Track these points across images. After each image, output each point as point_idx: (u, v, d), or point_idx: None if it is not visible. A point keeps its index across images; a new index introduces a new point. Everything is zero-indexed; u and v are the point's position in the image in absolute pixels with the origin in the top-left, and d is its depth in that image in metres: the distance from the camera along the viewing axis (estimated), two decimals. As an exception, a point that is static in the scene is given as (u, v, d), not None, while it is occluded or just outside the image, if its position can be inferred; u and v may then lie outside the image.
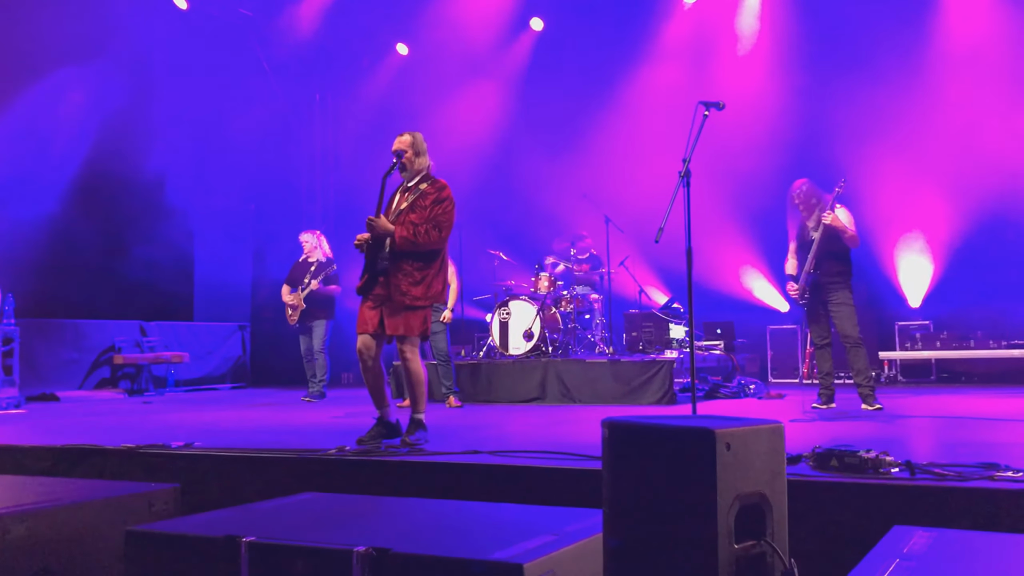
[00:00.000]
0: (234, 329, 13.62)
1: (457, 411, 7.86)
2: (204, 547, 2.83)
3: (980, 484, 3.19)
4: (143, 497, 3.83)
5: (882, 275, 11.22)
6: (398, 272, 4.91)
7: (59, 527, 3.47)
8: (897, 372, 10.95)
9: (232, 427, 6.57)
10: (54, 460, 4.96)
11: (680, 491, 2.18)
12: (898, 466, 3.41)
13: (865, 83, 11.16)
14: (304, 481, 4.31)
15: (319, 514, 3.18)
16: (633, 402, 7.93)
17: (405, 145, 5.13)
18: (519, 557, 2.39)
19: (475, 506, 3.27)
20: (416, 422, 4.99)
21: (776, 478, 2.31)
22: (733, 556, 2.15)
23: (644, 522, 2.24)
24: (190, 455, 4.72)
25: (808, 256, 6.87)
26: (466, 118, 12.72)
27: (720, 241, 11.52)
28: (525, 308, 9.15)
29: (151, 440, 5.18)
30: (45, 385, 10.66)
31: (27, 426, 6.93)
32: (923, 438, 5.08)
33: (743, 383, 8.81)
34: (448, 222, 5.04)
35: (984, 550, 2.38)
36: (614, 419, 2.38)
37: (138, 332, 12.08)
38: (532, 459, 4.13)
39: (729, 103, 11.32)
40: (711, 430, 2.15)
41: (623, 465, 2.32)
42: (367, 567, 2.54)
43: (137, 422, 7.17)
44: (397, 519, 3.05)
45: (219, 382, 12.99)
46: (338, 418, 7.13)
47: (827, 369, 6.99)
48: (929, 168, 10.62)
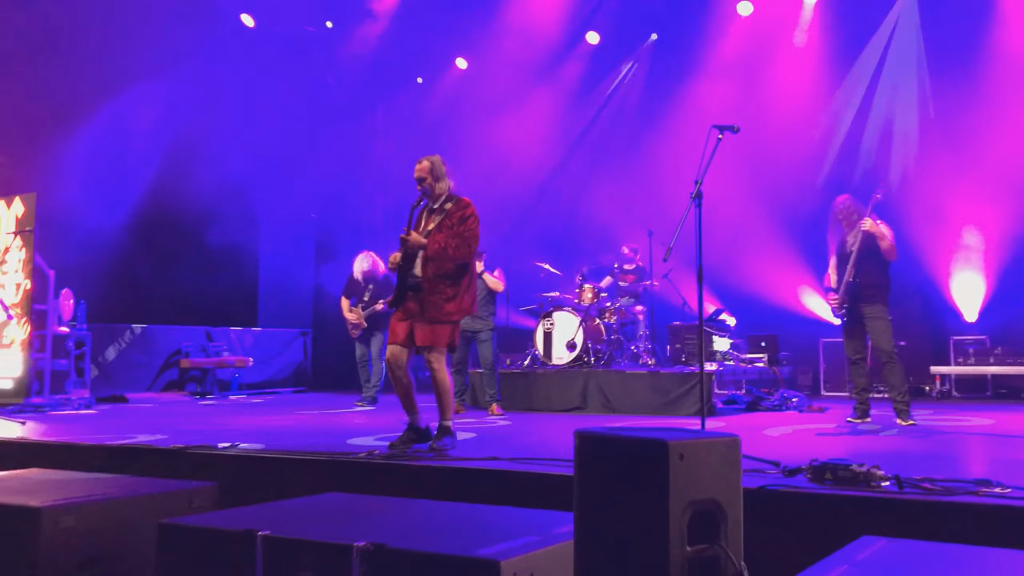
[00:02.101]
0: (296, 335, 14.10)
1: (497, 419, 8.09)
2: (226, 539, 3.12)
3: (965, 499, 3.29)
4: (184, 494, 4.15)
5: (937, 289, 11.11)
6: (432, 291, 5.19)
7: (105, 519, 3.80)
8: (952, 387, 10.81)
9: (280, 429, 6.90)
10: (110, 458, 5.34)
11: (637, 496, 2.38)
12: (888, 480, 3.53)
13: (920, 93, 11.09)
14: (335, 482, 4.58)
15: (333, 512, 3.44)
16: (671, 413, 8.06)
17: (425, 172, 5.39)
18: (499, 555, 2.60)
19: (475, 508, 3.49)
20: (444, 428, 5.23)
21: (731, 487, 2.48)
22: (685, 557, 2.33)
23: (607, 523, 2.44)
24: (232, 455, 5.04)
25: (847, 267, 6.93)
26: (518, 132, 12.97)
27: (773, 252, 11.55)
28: (569, 319, 9.34)
29: (203, 441, 5.53)
30: (115, 387, 11.21)
31: (94, 425, 7.39)
32: (942, 454, 5.13)
33: (785, 396, 8.85)
34: (474, 237, 5.29)
35: (935, 560, 2.51)
36: (583, 429, 2.59)
37: (204, 337, 12.61)
38: (546, 466, 4.33)
39: (782, 113, 11.49)
40: (665, 441, 2.34)
41: (590, 471, 2.52)
42: (365, 560, 2.79)
43: (195, 423, 7.57)
44: (401, 518, 3.29)
45: (281, 386, 13.45)
46: (381, 422, 7.42)
47: (862, 384, 7.04)
48: (985, 180, 10.50)
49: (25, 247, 9.57)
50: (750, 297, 11.73)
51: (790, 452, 4.87)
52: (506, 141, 12.75)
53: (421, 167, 5.41)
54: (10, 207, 9.73)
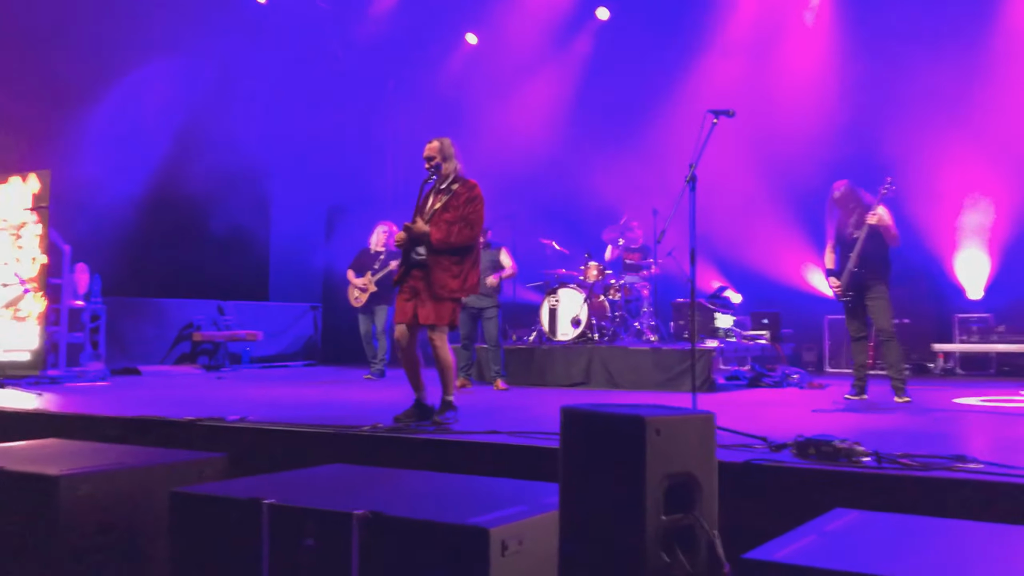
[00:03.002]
0: (306, 309, 14.30)
1: (503, 393, 8.26)
2: (233, 507, 3.29)
3: (940, 474, 3.43)
4: (195, 464, 4.33)
5: (941, 267, 11.18)
6: (437, 268, 5.34)
7: (119, 488, 3.97)
8: (956, 364, 10.90)
9: (289, 402, 7.09)
10: (124, 429, 5.53)
11: (617, 468, 2.53)
12: (869, 455, 3.67)
13: (925, 73, 11.09)
14: (340, 454, 4.74)
15: (335, 482, 3.62)
16: (673, 389, 8.20)
17: (434, 151, 5.54)
18: (489, 523, 2.76)
19: (471, 479, 3.66)
20: (447, 403, 5.40)
21: (706, 460, 2.63)
22: (661, 526, 2.48)
23: (588, 494, 2.60)
24: (242, 428, 5.23)
25: (850, 255, 7.01)
26: (528, 108, 13.05)
27: (778, 230, 11.63)
28: (574, 296, 9.48)
29: (214, 413, 5.71)
30: (129, 360, 11.42)
31: (109, 397, 7.60)
32: (930, 430, 5.26)
33: (786, 372, 8.99)
34: (479, 219, 5.43)
35: (900, 531, 2.65)
36: (568, 406, 2.74)
37: (216, 311, 12.81)
38: (543, 440, 4.48)
39: (790, 92, 11.53)
40: (642, 418, 2.49)
41: (573, 445, 2.68)
42: (363, 527, 2.95)
43: (206, 396, 7.77)
44: (400, 488, 3.46)
45: (291, 359, 13.66)
46: (387, 397, 7.59)
47: (861, 361, 7.16)
48: (990, 157, 10.54)
49: (41, 222, 9.75)
50: (755, 274, 11.83)
51: (782, 428, 5.01)
52: (515, 117, 12.83)
53: (431, 147, 5.56)
54: (26, 183, 9.91)
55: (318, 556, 3.01)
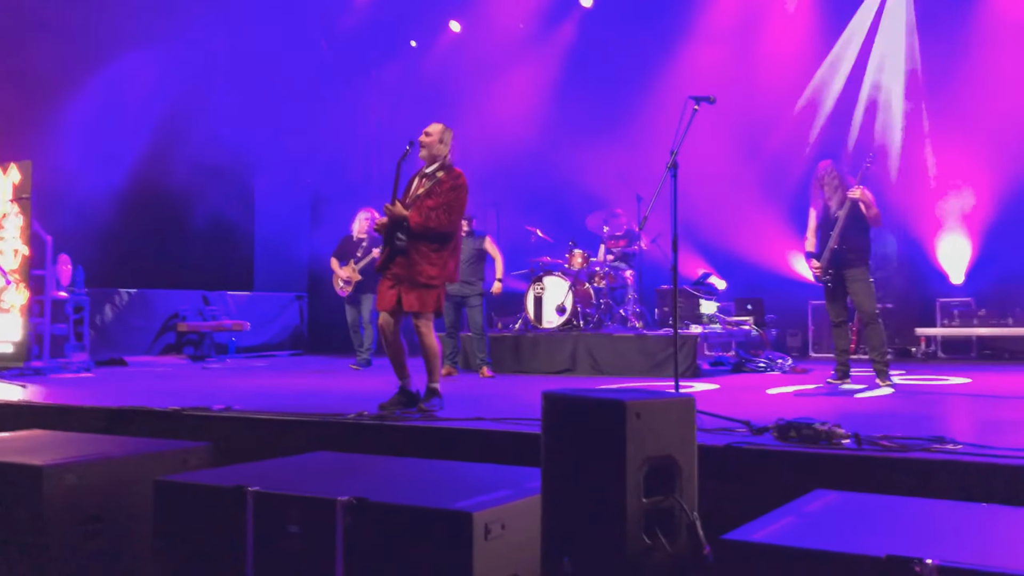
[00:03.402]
0: (292, 299, 14.28)
1: (488, 381, 8.29)
2: (218, 495, 3.30)
3: (918, 455, 3.47)
4: (180, 453, 4.33)
5: (923, 252, 11.27)
6: (415, 253, 5.34)
7: (104, 478, 3.97)
8: (938, 348, 10.99)
9: (275, 392, 7.09)
10: (110, 420, 5.53)
11: (598, 452, 2.56)
12: (849, 437, 3.71)
13: (908, 56, 11.16)
14: (326, 442, 4.75)
15: (320, 469, 3.63)
16: (658, 375, 8.24)
17: (434, 130, 5.59)
18: (472, 507, 2.79)
19: (455, 465, 3.68)
20: (432, 390, 5.41)
21: (686, 444, 2.66)
22: (642, 508, 2.51)
23: (570, 478, 2.63)
24: (227, 417, 5.23)
25: (832, 233, 7.06)
26: (512, 96, 13.03)
27: (762, 216, 11.67)
28: (559, 283, 9.51)
29: (199, 403, 5.71)
30: (114, 351, 11.38)
31: (94, 388, 7.58)
32: (910, 412, 5.32)
33: (771, 358, 9.05)
34: (460, 208, 5.44)
35: (878, 511, 2.69)
36: (550, 391, 2.76)
37: (201, 301, 12.76)
38: (527, 426, 4.50)
39: (774, 77, 11.54)
40: (622, 402, 2.52)
41: (555, 430, 2.71)
42: (348, 513, 2.97)
43: (192, 386, 7.76)
44: (384, 474, 3.48)
45: (278, 349, 13.64)
46: (373, 386, 7.59)
47: (843, 346, 7.22)
48: (972, 142, 10.61)
49: (22, 214, 9.69)
50: (740, 260, 11.89)
51: (765, 412, 5.05)
52: (499, 105, 12.80)
53: (433, 127, 5.61)
54: (6, 174, 9.84)
55: (303, 542, 3.03)
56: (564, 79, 13.25)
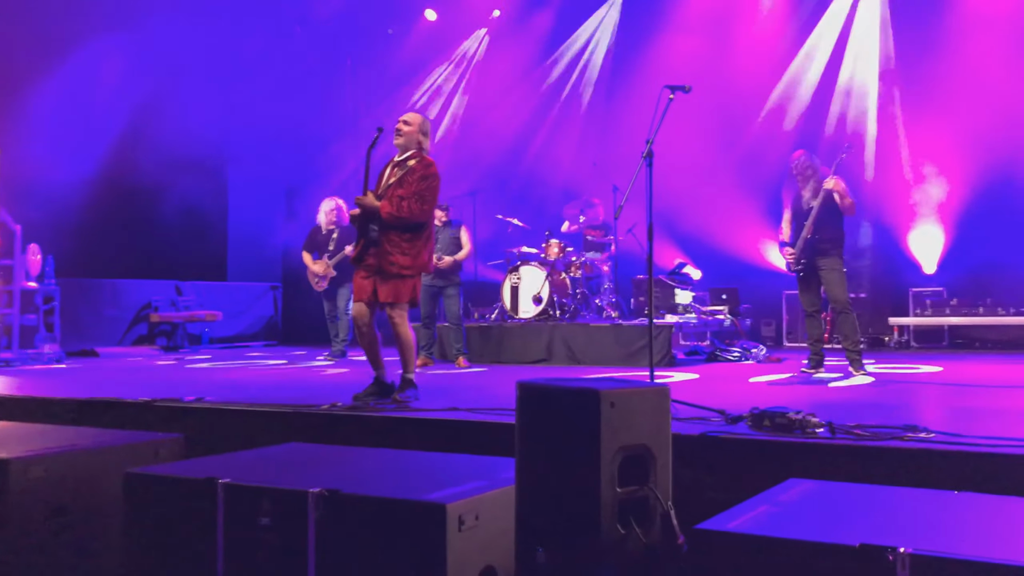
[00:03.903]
0: (266, 289, 14.16)
1: (464, 371, 8.26)
2: (189, 487, 3.26)
3: (891, 444, 3.49)
4: (150, 445, 4.27)
5: (896, 242, 11.35)
6: (388, 244, 5.30)
7: (73, 470, 3.91)
8: (910, 337, 11.09)
9: (248, 383, 7.03)
10: (78, 411, 5.45)
11: (572, 442, 2.54)
12: (823, 426, 3.72)
13: (882, 46, 11.22)
14: (299, 433, 4.72)
15: (292, 461, 3.60)
16: (634, 364, 8.25)
17: (413, 120, 5.56)
18: (446, 498, 2.77)
19: (429, 456, 3.66)
20: (406, 381, 5.38)
21: (660, 433, 2.65)
22: (616, 498, 2.50)
23: (544, 468, 2.61)
24: (199, 408, 5.17)
25: (805, 223, 7.08)
26: (485, 86, 12.99)
27: (737, 206, 11.71)
28: (535, 273, 9.49)
29: (171, 394, 5.65)
30: (86, 341, 11.24)
31: (64, 379, 7.48)
32: (883, 401, 5.35)
33: (745, 347, 9.08)
34: (432, 197, 5.40)
35: (851, 499, 2.70)
36: (524, 381, 2.74)
37: (174, 291, 12.63)
38: (502, 415, 4.49)
39: (749, 68, 11.57)
40: (597, 391, 2.50)
41: (529, 420, 2.69)
42: (320, 505, 2.94)
43: (164, 377, 7.68)
44: (357, 466, 3.45)
45: (251, 340, 13.54)
46: (347, 377, 7.56)
47: (816, 336, 7.25)
48: (942, 135, 10.69)
49: (-10, 203, 9.54)
50: (715, 250, 11.93)
51: (739, 401, 5.07)
52: (474, 97, 12.76)
53: (412, 118, 5.58)
54: (-26, 162, 9.68)
55: (274, 535, 3.00)
56: (541, 67, 13.21)
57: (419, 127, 5.57)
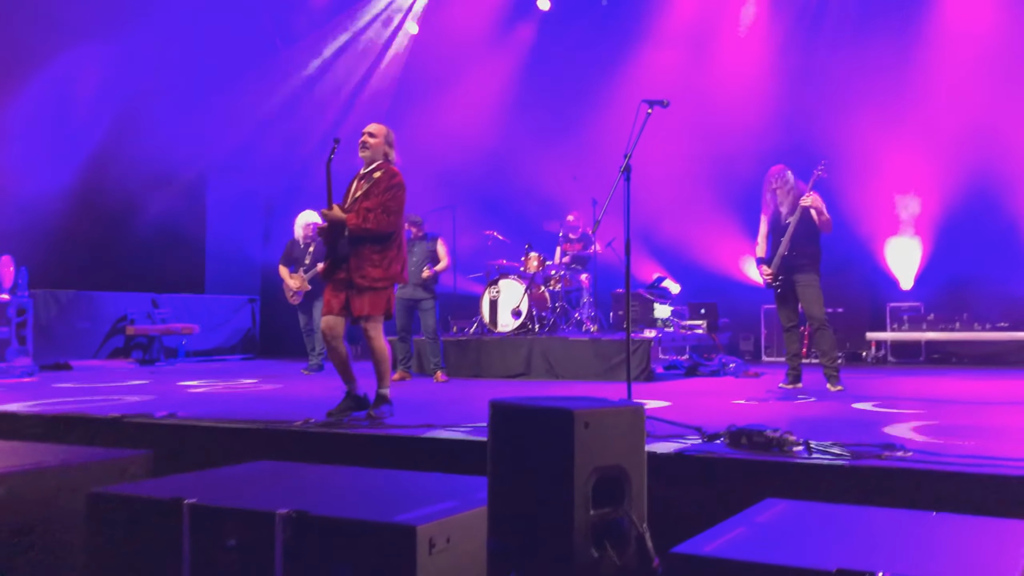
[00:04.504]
0: (244, 302, 14.03)
1: (442, 385, 8.20)
2: (153, 508, 3.17)
3: (868, 463, 3.46)
4: (117, 463, 4.17)
5: (873, 257, 11.40)
6: (358, 257, 5.25)
7: (36, 489, 3.80)
8: (887, 352, 11.13)
9: (223, 397, 6.93)
10: (47, 427, 5.34)
11: (545, 462, 2.49)
12: (800, 445, 3.68)
13: (855, 66, 11.30)
14: (271, 450, 4.63)
15: (261, 480, 3.52)
16: (612, 379, 8.21)
17: (378, 131, 5.51)
18: (416, 520, 2.70)
19: (402, 474, 3.59)
20: (381, 397, 5.31)
21: (635, 453, 2.60)
22: (589, 520, 2.45)
23: (517, 489, 2.55)
24: (170, 425, 5.08)
25: (782, 239, 7.08)
26: (469, 99, 12.95)
27: (716, 221, 11.73)
28: (514, 287, 9.44)
29: (144, 409, 5.55)
30: (60, 354, 11.07)
31: (35, 393, 7.33)
32: (861, 419, 5.33)
33: (723, 362, 9.06)
34: (398, 207, 5.34)
35: (830, 521, 2.65)
36: (497, 400, 2.69)
37: (150, 304, 12.49)
38: (479, 432, 4.43)
39: (726, 85, 11.61)
40: (570, 410, 2.45)
41: (501, 439, 2.63)
42: (287, 527, 2.87)
43: (137, 391, 7.55)
44: (327, 485, 3.38)
45: (229, 353, 13.40)
46: (324, 391, 7.46)
47: (795, 351, 7.24)
48: (919, 151, 10.76)
49: (-38, 213, 9.40)
50: (693, 264, 11.94)
51: (716, 417, 5.02)
52: (456, 108, 12.72)
53: (377, 129, 5.52)
54: (-55, 172, 9.54)
55: (241, 557, 2.92)
56: (521, 81, 13.21)
57: (384, 138, 5.51)
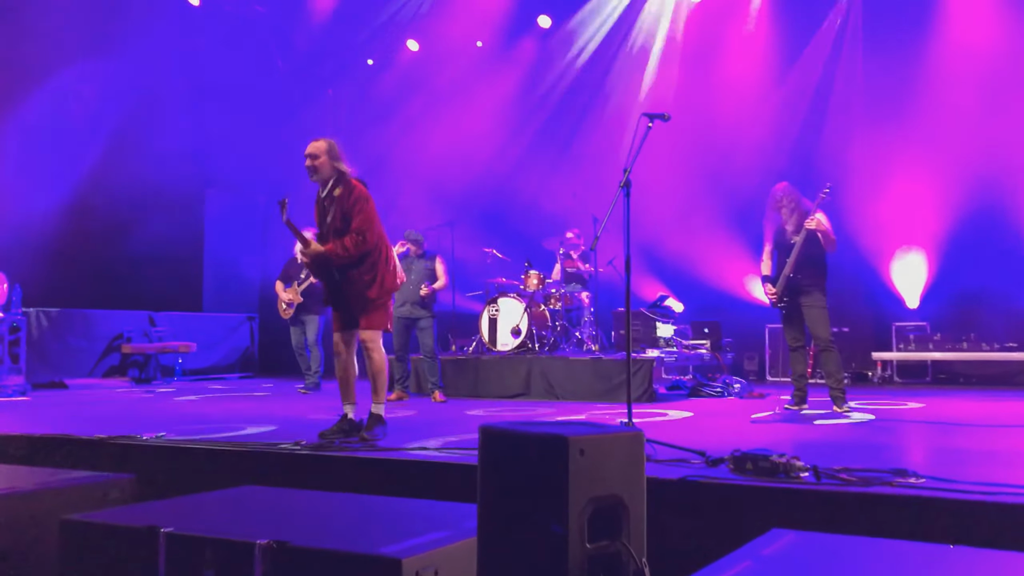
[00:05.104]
0: (242, 320, 13.89)
1: (440, 405, 8.03)
2: (128, 536, 3.02)
3: (879, 490, 3.30)
4: (100, 487, 4.03)
5: (879, 276, 11.25)
6: (350, 283, 5.20)
7: (13, 514, 3.66)
8: (893, 372, 10.97)
9: (216, 417, 6.77)
10: (31, 448, 5.19)
11: (538, 492, 2.34)
12: (807, 470, 3.53)
13: (860, 82, 11.20)
14: (260, 473, 4.49)
15: (243, 507, 3.36)
16: (613, 399, 8.04)
17: (318, 150, 5.29)
18: (401, 552, 2.55)
19: (391, 501, 3.43)
20: (375, 417, 5.17)
21: (634, 482, 2.44)
22: (585, 554, 2.29)
23: (509, 520, 2.40)
24: (154, 446, 4.92)
25: (787, 260, 6.94)
26: (468, 116, 12.87)
27: (720, 239, 11.60)
28: (514, 305, 9.30)
29: (134, 429, 5.41)
30: (55, 373, 10.93)
31: (25, 414, 7.20)
32: (869, 441, 5.17)
33: (727, 382, 8.89)
34: (368, 221, 5.18)
35: (840, 554, 2.50)
36: (487, 425, 2.54)
37: (147, 322, 12.35)
38: (472, 456, 4.25)
39: (729, 102, 11.51)
40: (565, 437, 2.30)
41: (493, 467, 2.47)
42: (267, 558, 2.72)
43: (129, 411, 7.41)
44: (312, 513, 3.22)
45: (227, 371, 13.25)
46: (320, 411, 7.31)
47: (800, 371, 7.08)
48: (924, 169, 10.63)
49: (-45, 230, 9.29)
50: (697, 283, 11.80)
51: (721, 440, 4.88)
52: (455, 124, 12.63)
53: (316, 148, 5.30)
54: (-61, 188, 9.44)
55: (218, 590, 2.77)
56: (522, 98, 13.13)
57: (327, 153, 5.31)
